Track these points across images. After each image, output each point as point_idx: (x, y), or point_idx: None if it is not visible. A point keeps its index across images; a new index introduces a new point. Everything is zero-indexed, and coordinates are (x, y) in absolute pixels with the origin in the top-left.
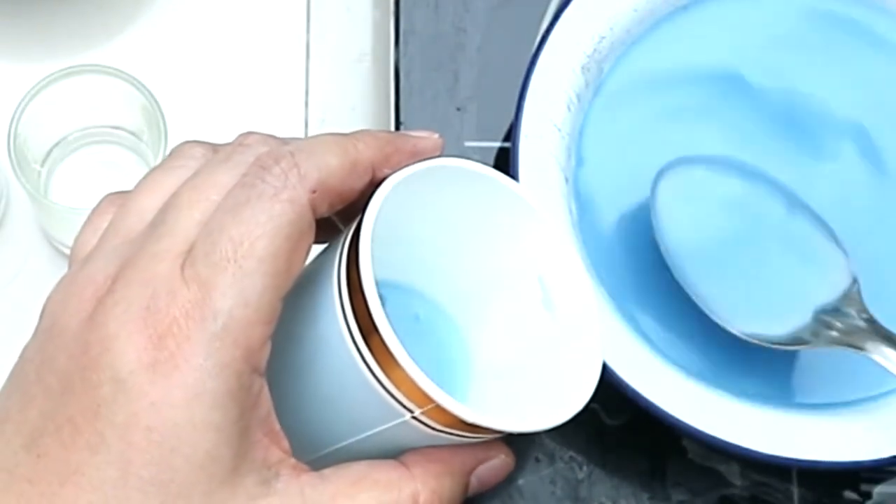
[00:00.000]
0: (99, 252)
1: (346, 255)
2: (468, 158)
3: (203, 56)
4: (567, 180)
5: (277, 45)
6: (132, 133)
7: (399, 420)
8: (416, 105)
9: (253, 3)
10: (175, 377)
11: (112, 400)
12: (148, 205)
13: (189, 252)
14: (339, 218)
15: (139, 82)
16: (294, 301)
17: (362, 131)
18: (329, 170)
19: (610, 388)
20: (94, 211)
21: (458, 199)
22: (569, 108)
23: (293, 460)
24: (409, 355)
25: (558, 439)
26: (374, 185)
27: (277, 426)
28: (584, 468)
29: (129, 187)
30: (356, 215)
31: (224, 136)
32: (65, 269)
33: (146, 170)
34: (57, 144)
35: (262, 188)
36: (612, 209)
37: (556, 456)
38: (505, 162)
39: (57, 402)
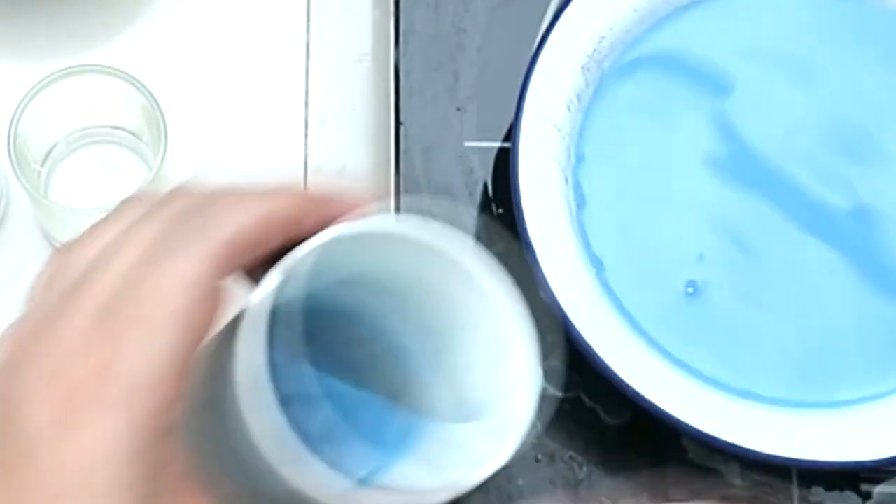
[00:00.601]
0: (31, 307)
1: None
2: (466, 160)
3: (203, 56)
4: (567, 180)
5: (277, 45)
6: (132, 133)
7: None
8: (416, 105)
9: (253, 3)
10: (83, 438)
11: (27, 454)
12: (77, 259)
13: (101, 309)
14: (259, 274)
15: (139, 82)
16: (220, 353)
17: (281, 188)
18: (241, 228)
19: (610, 388)
20: (45, 263)
21: (399, 258)
22: (569, 108)
23: None
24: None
25: (559, 440)
26: (292, 243)
27: (199, 482)
28: (584, 468)
29: (130, 188)
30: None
31: (224, 136)
32: None
33: (146, 170)
34: (57, 144)
35: (173, 244)
36: (611, 208)
37: (556, 456)
38: (504, 162)
39: None
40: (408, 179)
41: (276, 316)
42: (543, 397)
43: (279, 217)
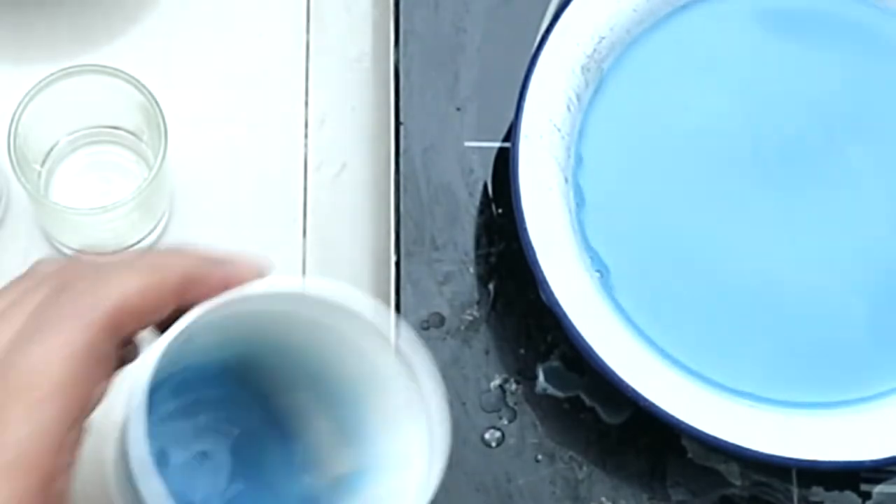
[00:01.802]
0: None
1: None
2: (466, 160)
3: (203, 56)
4: (566, 180)
5: (277, 45)
6: (132, 133)
7: None
8: (416, 105)
9: (253, 3)
10: None
11: None
12: None
13: None
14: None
15: (139, 82)
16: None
17: (177, 250)
18: (129, 293)
19: (610, 388)
20: None
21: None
22: (569, 108)
23: None
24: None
25: (558, 439)
26: (183, 308)
27: None
28: (584, 468)
29: (129, 188)
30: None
31: (224, 136)
32: None
33: (146, 170)
34: (57, 144)
35: (55, 312)
36: (610, 208)
37: (556, 456)
38: (504, 162)
39: None
40: (408, 179)
41: (172, 380)
42: (544, 396)
43: (170, 283)
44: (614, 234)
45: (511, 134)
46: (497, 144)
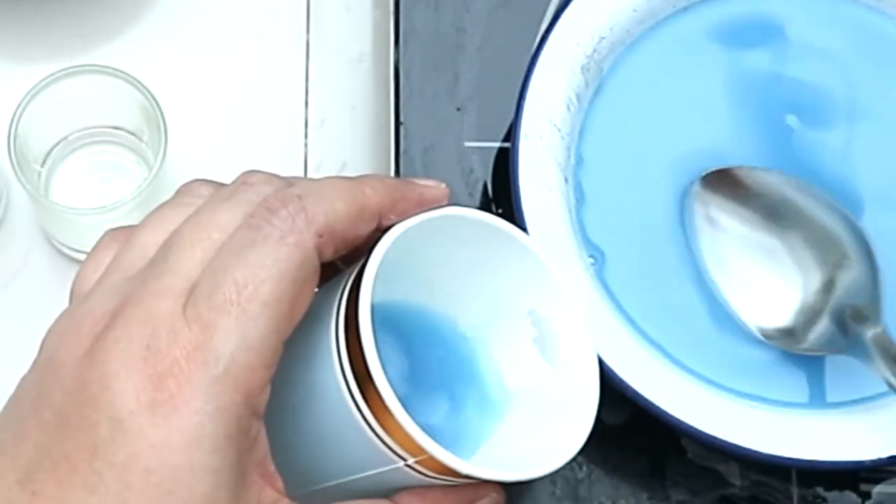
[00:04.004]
0: (99, 287)
1: (345, 303)
2: (466, 160)
3: (203, 56)
4: (567, 180)
5: (277, 45)
6: (132, 133)
7: (392, 466)
8: (416, 105)
9: (253, 3)
10: (175, 420)
11: (110, 440)
12: (151, 240)
13: (191, 291)
14: (341, 261)
15: (139, 82)
16: (293, 341)
17: (370, 176)
18: (336, 215)
19: (610, 388)
20: (95, 246)
21: (463, 246)
22: (568, 108)
23: (287, 500)
24: (405, 405)
25: None
26: (379, 231)
27: (272, 467)
28: (584, 468)
29: (129, 188)
30: (359, 258)
31: (224, 136)
32: (64, 270)
33: (146, 170)
34: (57, 144)
35: (269, 231)
36: (611, 209)
37: None
38: (504, 162)
39: (52, 437)
40: None
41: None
42: None
43: (372, 205)
44: (614, 232)
45: (511, 134)
46: (497, 144)
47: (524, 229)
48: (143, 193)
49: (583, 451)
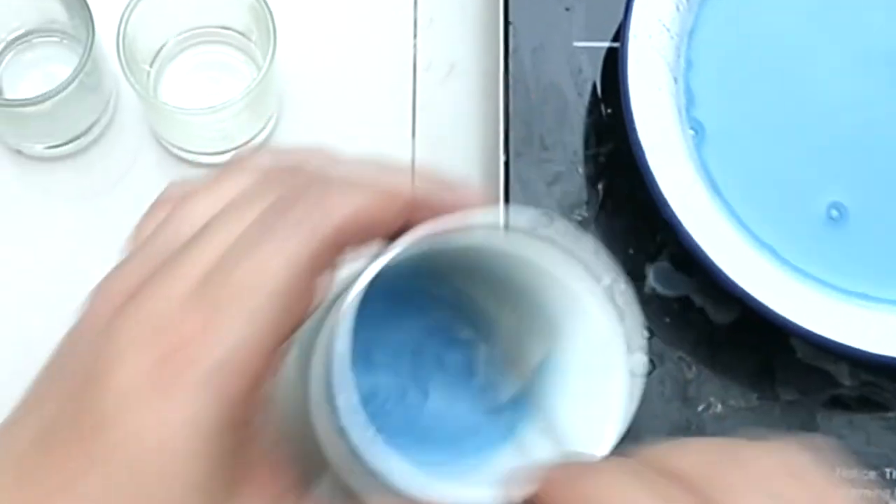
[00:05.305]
0: (142, 251)
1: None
2: (575, 60)
3: None
4: (676, 80)
5: None
6: (241, 33)
7: None
8: (525, 4)
9: None
10: (174, 402)
11: (113, 414)
12: (200, 211)
13: (206, 278)
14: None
15: None
16: (315, 327)
17: (394, 178)
18: (358, 210)
19: (719, 288)
20: (157, 199)
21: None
22: (678, 9)
23: (294, 494)
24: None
25: (667, 340)
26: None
27: (282, 457)
28: (693, 368)
29: (238, 88)
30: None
31: (331, 36)
32: (172, 169)
33: (255, 70)
34: (166, 44)
35: (283, 222)
36: (721, 108)
37: (664, 356)
38: (613, 62)
39: (65, 405)
40: (517, 79)
41: (367, 302)
42: (653, 297)
43: (397, 200)
44: (725, 134)
45: (620, 34)
46: (606, 44)
47: (633, 130)
48: (252, 94)
49: (692, 351)
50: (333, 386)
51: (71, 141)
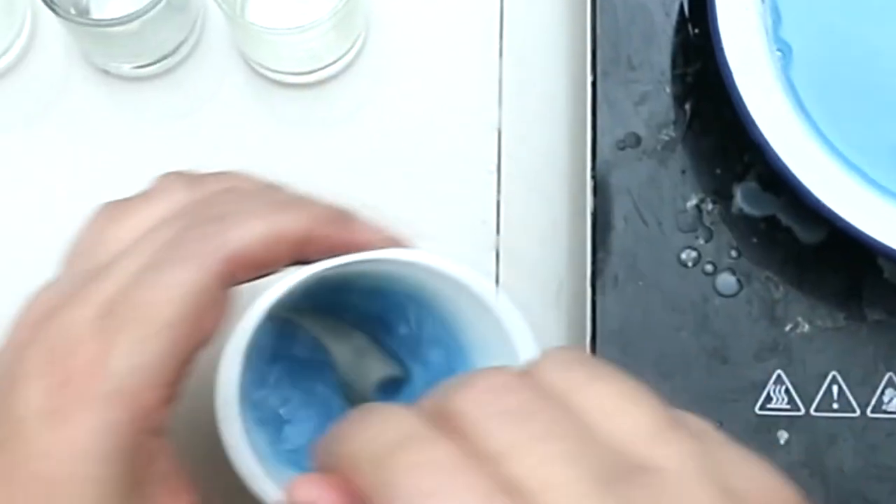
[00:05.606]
0: (64, 276)
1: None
2: None
3: None
4: (763, 0)
5: None
6: None
7: None
8: None
9: None
10: (66, 429)
11: (10, 437)
12: (120, 236)
13: (109, 305)
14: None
15: None
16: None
17: (307, 200)
18: (251, 243)
19: (806, 208)
20: (89, 220)
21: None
22: None
23: None
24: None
25: (755, 260)
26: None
27: (182, 481)
28: (780, 288)
29: (326, 9)
30: None
31: None
32: (260, 89)
33: None
34: None
35: (179, 252)
36: (808, 28)
37: (752, 276)
38: None
39: None
40: (604, 0)
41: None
42: (740, 216)
43: (291, 236)
44: (813, 54)
45: None
46: None
47: (720, 49)
48: (339, 14)
49: (779, 271)
50: (218, 409)
51: (158, 61)
